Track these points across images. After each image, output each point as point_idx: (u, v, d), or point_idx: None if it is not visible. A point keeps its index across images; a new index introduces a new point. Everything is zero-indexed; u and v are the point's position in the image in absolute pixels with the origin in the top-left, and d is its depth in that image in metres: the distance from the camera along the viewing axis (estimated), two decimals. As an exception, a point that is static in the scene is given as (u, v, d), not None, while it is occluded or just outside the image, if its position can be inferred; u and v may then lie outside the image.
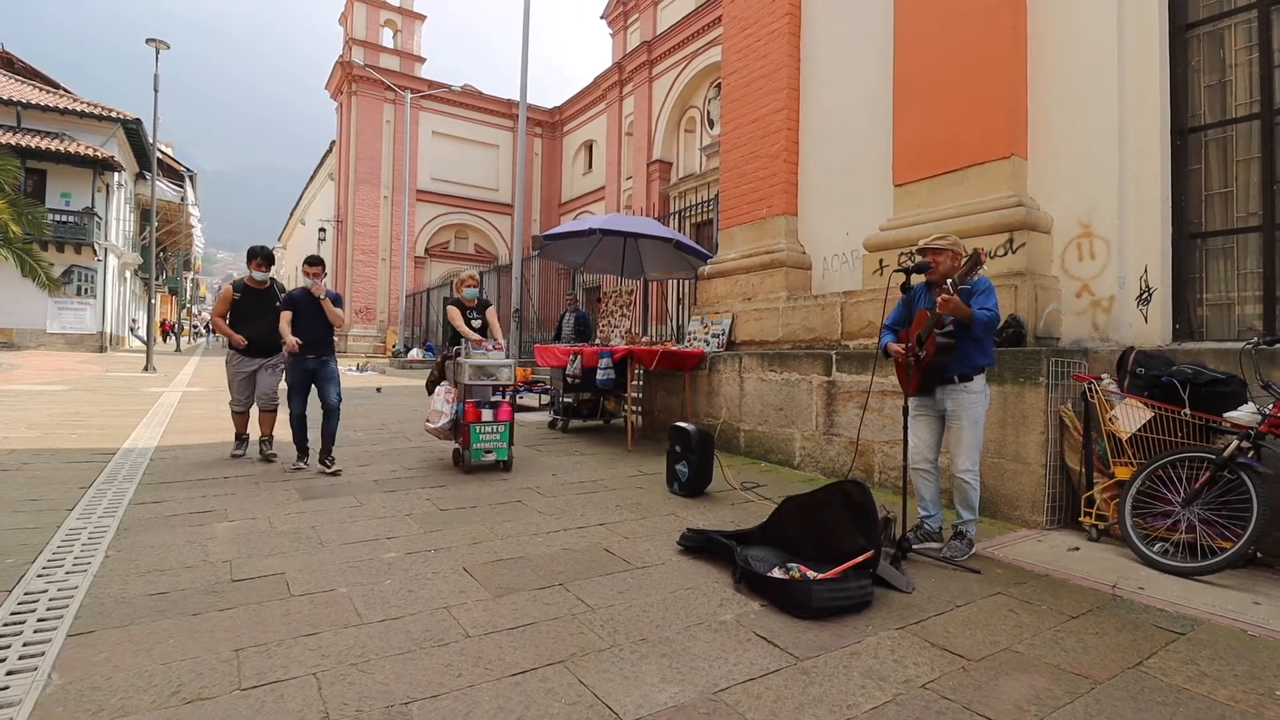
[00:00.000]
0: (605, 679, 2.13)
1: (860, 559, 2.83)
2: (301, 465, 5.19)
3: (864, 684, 2.15)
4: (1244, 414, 3.33)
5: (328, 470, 5.04)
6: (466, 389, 5.21)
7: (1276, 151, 3.99)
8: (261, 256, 5.44)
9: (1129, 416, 3.74)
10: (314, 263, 5.23)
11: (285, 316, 5.02)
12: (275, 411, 5.56)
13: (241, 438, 5.67)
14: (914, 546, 3.43)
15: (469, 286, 5.95)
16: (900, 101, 5.53)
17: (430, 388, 5.76)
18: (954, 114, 5.07)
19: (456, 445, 5.43)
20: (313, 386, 5.22)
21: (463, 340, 5.50)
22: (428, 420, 5.39)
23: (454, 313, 5.78)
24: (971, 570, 3.26)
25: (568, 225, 8.18)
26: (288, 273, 48.81)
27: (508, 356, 5.43)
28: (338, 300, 5.39)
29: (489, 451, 5.22)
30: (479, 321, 5.81)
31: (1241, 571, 3.22)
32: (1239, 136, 4.18)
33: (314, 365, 5.13)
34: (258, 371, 5.47)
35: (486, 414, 5.20)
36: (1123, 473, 3.70)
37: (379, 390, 11.87)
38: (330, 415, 5.15)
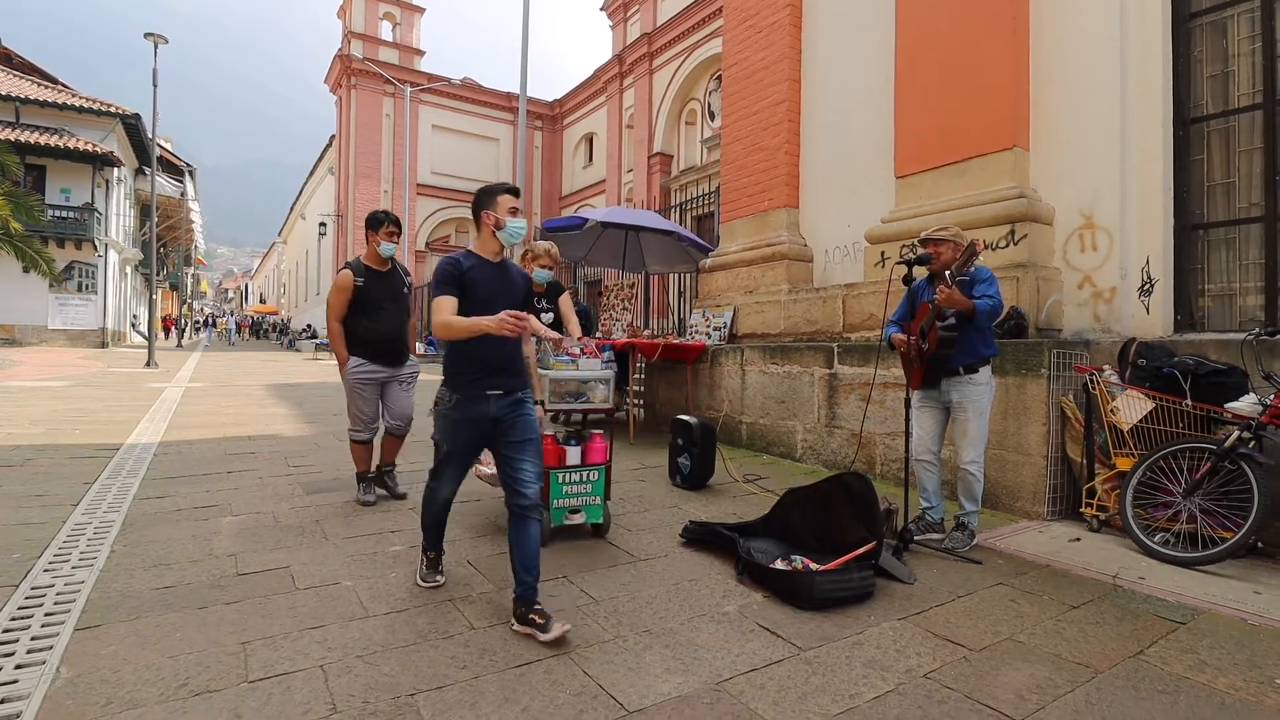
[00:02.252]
0: (609, 670, 2.14)
1: (862, 550, 2.84)
2: (435, 581, 2.82)
3: (866, 674, 2.17)
4: (1245, 405, 3.33)
5: (542, 633, 2.32)
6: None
7: (1278, 142, 3.98)
8: (392, 222, 4.04)
9: (1130, 407, 3.74)
10: (515, 193, 2.75)
11: (450, 306, 2.53)
12: (404, 439, 4.30)
13: (367, 477, 4.21)
14: (916, 538, 3.44)
15: (542, 266, 4.25)
16: (902, 93, 5.51)
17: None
18: (956, 105, 5.05)
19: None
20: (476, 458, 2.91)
21: (536, 342, 3.37)
22: (480, 461, 3.53)
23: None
24: (973, 561, 3.28)
25: (569, 217, 8.17)
26: (288, 266, 48.87)
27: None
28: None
29: (575, 511, 3.44)
30: (550, 315, 4.36)
31: (1242, 561, 3.23)
32: (1241, 127, 4.16)
33: (503, 411, 2.55)
34: (389, 384, 4.11)
35: (572, 453, 3.43)
36: (1124, 463, 3.70)
37: None
38: (526, 522, 2.49)
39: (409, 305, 4.26)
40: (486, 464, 3.81)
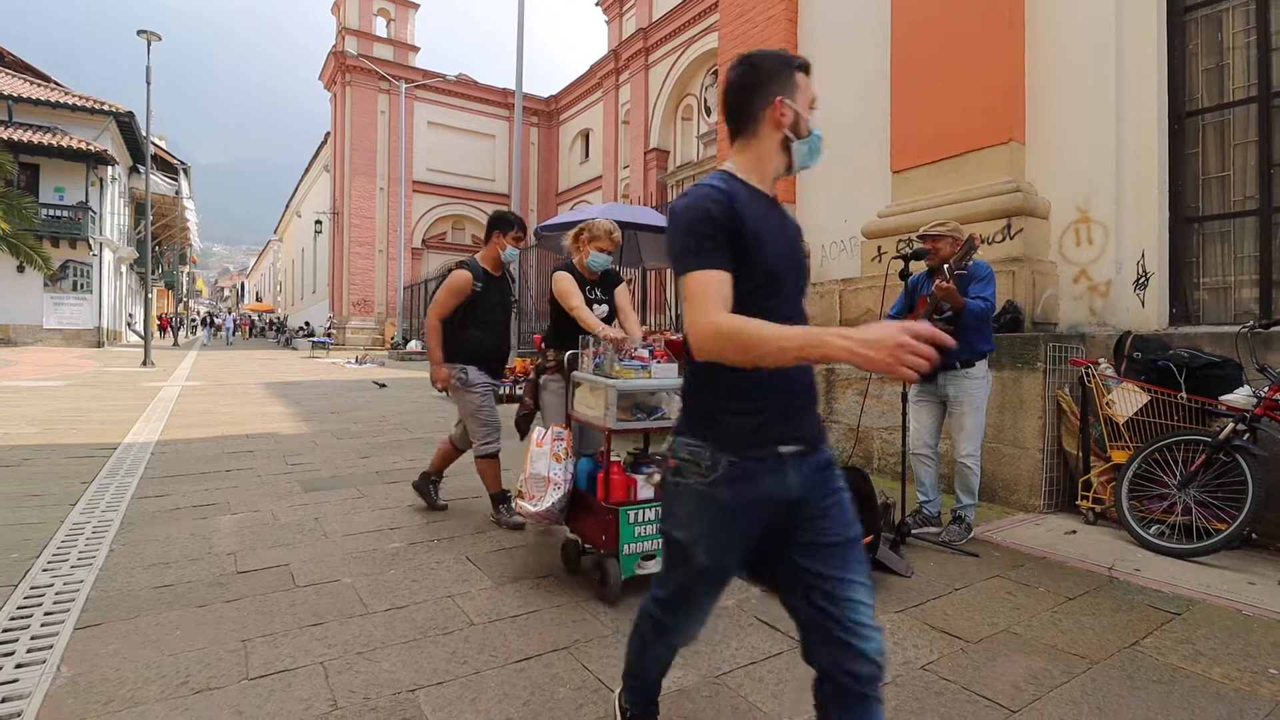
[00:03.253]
0: (609, 664, 2.15)
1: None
2: None
3: (864, 666, 2.18)
4: (1239, 397, 3.35)
5: None
6: (598, 435, 2.91)
7: (1274, 135, 3.99)
8: (520, 226, 3.74)
9: (1126, 400, 3.76)
10: None
11: (724, 293, 1.37)
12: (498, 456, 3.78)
13: (505, 495, 3.70)
14: (913, 531, 3.46)
15: (600, 250, 3.39)
16: (898, 87, 5.51)
17: (522, 429, 3.69)
18: (952, 100, 5.05)
19: (576, 539, 2.97)
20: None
21: (593, 342, 2.94)
22: (521, 495, 2.99)
23: (570, 286, 3.32)
24: (970, 554, 3.30)
25: (566, 216, 8.15)
26: (284, 264, 48.73)
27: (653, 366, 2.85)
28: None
29: (649, 557, 2.71)
30: (604, 308, 3.47)
31: (1236, 552, 3.25)
32: (1236, 120, 4.17)
33: (808, 485, 1.38)
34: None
35: (644, 486, 2.77)
36: (1119, 456, 3.72)
37: (382, 385, 11.79)
38: (866, 707, 1.32)
39: (510, 316, 3.98)
40: (531, 499, 2.91)
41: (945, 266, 3.31)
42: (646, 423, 2.81)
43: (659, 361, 2.82)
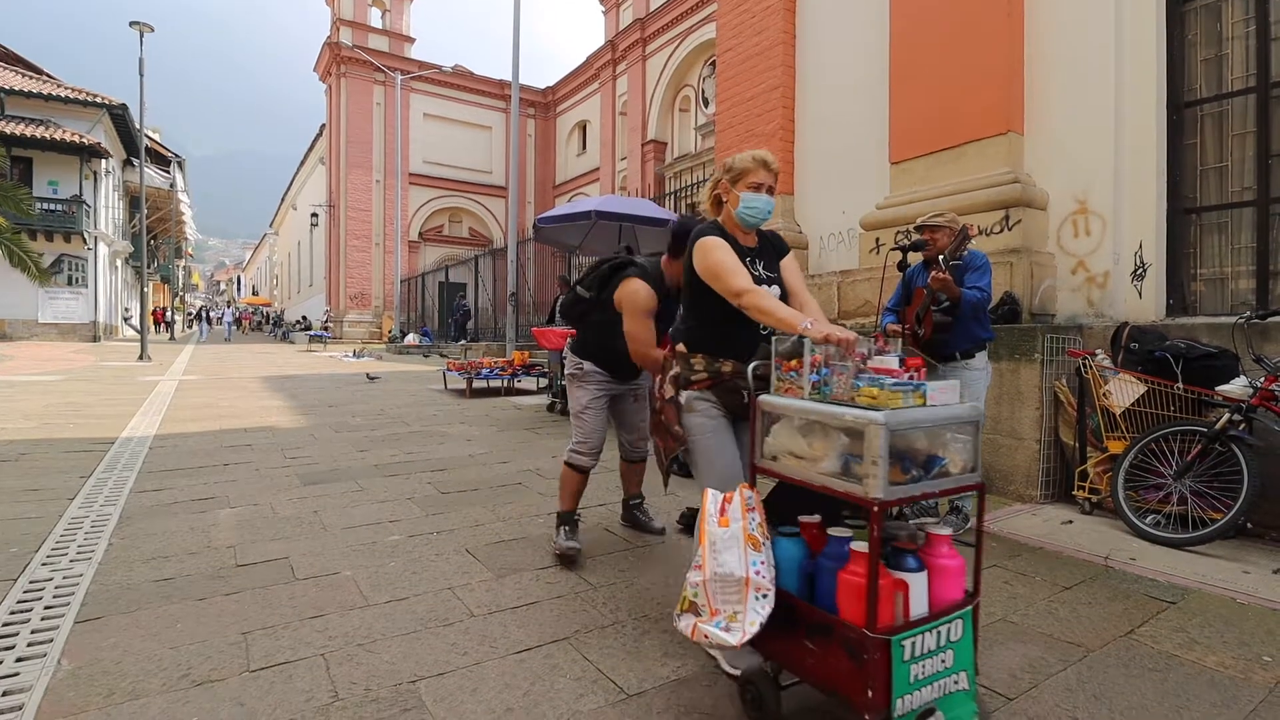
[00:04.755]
0: (609, 655, 2.16)
1: (858, 535, 2.85)
2: None
3: (862, 656, 2.19)
4: (1236, 387, 3.36)
5: None
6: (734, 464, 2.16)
7: (1272, 125, 3.99)
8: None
9: (1122, 391, 3.77)
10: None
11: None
12: (645, 461, 3.38)
13: (572, 516, 3.13)
14: (911, 521, 3.47)
15: (755, 187, 2.16)
16: (896, 78, 5.49)
17: (669, 471, 2.50)
18: (951, 90, 5.04)
19: (767, 668, 1.84)
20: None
21: (806, 348, 1.81)
22: (691, 609, 1.80)
23: (728, 258, 2.11)
24: (967, 544, 3.30)
25: (563, 208, 8.12)
26: (280, 257, 48.55)
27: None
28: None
29: (930, 714, 1.60)
30: (773, 289, 2.20)
31: (1232, 542, 3.27)
32: (1235, 111, 4.17)
33: None
34: (622, 398, 3.23)
35: (916, 590, 1.67)
36: (1116, 447, 3.74)
37: (373, 378, 11.72)
38: None
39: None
40: (717, 616, 1.75)
41: (940, 258, 3.31)
42: (928, 484, 1.69)
43: (933, 383, 1.70)
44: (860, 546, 1.62)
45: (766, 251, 2.29)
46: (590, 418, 3.10)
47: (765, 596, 1.71)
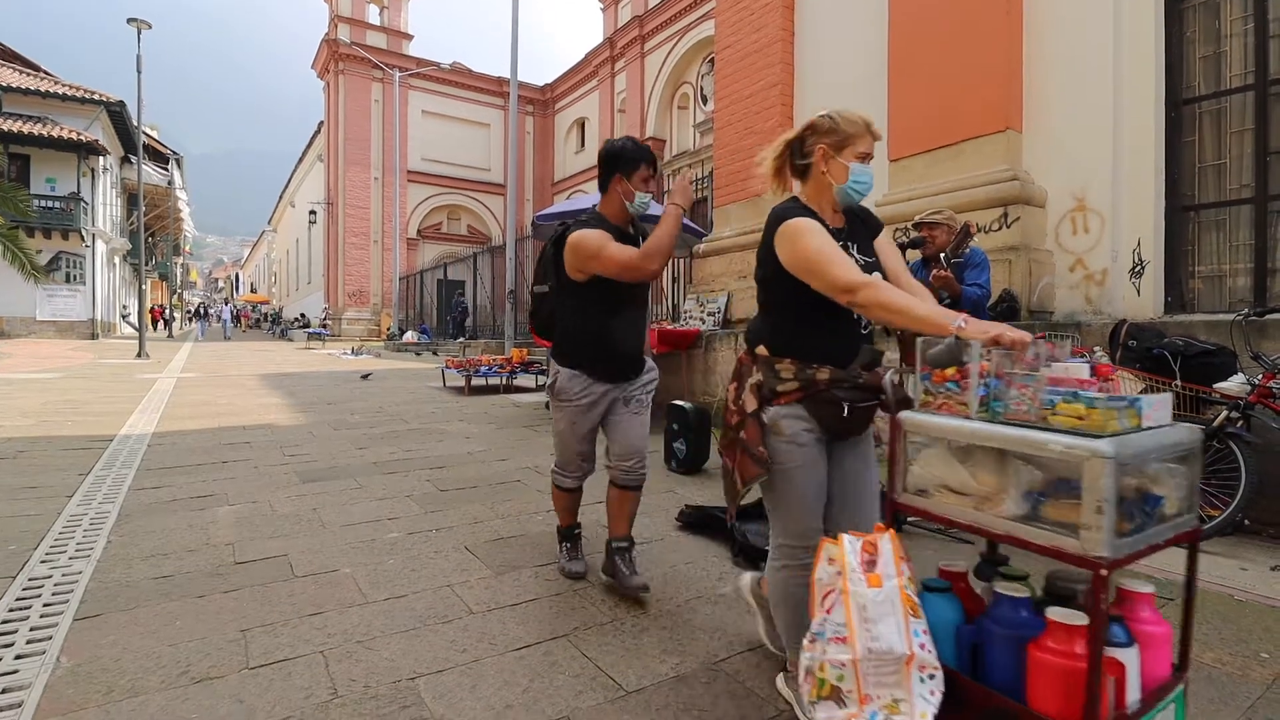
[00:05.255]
0: (607, 652, 2.17)
1: (857, 532, 2.85)
2: None
3: (861, 653, 2.20)
4: (1233, 385, 3.37)
5: None
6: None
7: (1270, 123, 3.99)
8: (650, 162, 2.56)
9: (1120, 388, 3.77)
10: None
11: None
12: (640, 490, 2.75)
13: (571, 532, 2.89)
14: (909, 519, 3.47)
15: (862, 159, 1.83)
16: (895, 75, 5.49)
17: (739, 499, 1.95)
18: (949, 88, 5.04)
19: None
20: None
21: (975, 353, 1.43)
22: (833, 696, 1.36)
23: (825, 244, 1.69)
24: (965, 541, 3.32)
25: (562, 205, 8.12)
26: (278, 255, 48.50)
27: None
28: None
29: None
30: (873, 274, 1.72)
31: (1230, 538, 3.28)
32: (1233, 108, 4.17)
33: None
34: (613, 407, 2.66)
35: (1131, 671, 1.28)
36: (1114, 444, 3.74)
37: (366, 376, 11.66)
38: None
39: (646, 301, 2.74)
40: (868, 704, 1.37)
41: (941, 255, 3.31)
42: (1152, 533, 1.34)
43: (1108, 386, 1.38)
44: (1063, 616, 1.27)
45: (858, 231, 1.88)
46: (569, 437, 2.64)
47: (933, 677, 1.34)
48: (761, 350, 1.84)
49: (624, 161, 2.50)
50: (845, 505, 1.89)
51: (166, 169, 29.29)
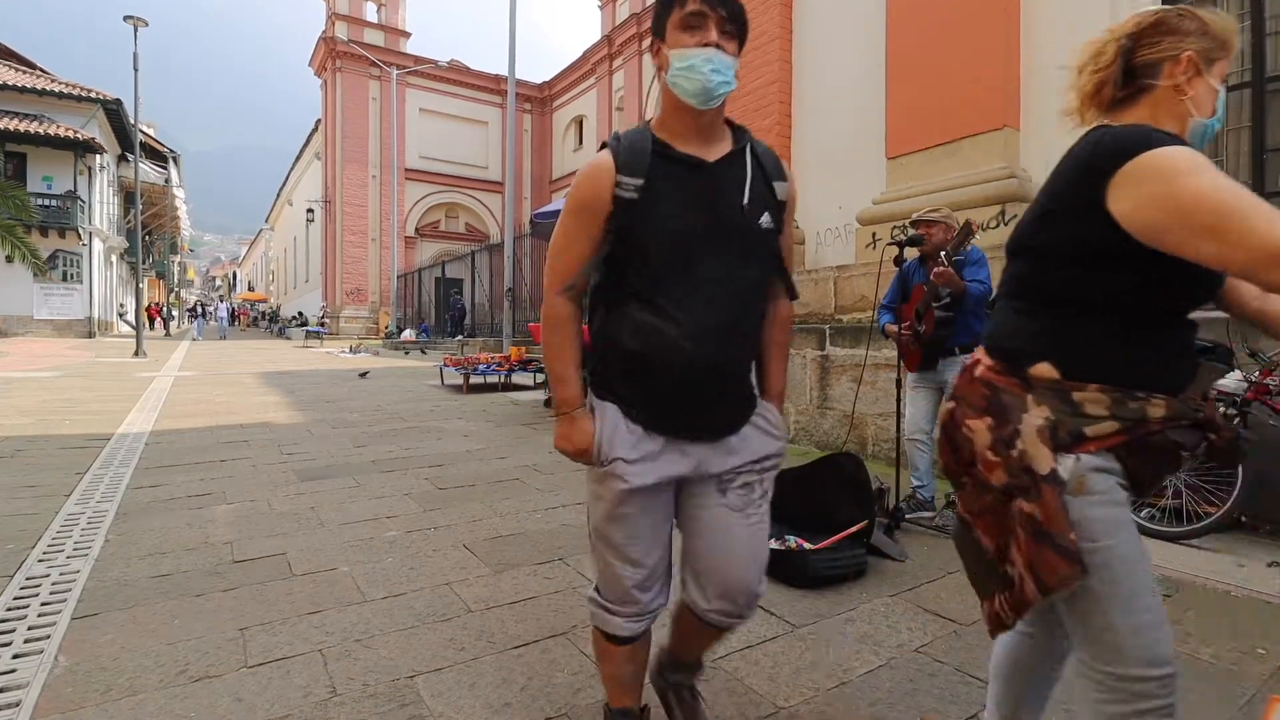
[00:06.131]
0: (606, 650, 2.17)
1: (854, 529, 2.88)
2: None
3: (859, 649, 2.21)
4: (1230, 382, 3.37)
5: None
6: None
7: (1267, 120, 3.99)
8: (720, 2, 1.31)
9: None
10: None
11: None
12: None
13: (626, 715, 1.58)
14: (907, 516, 3.48)
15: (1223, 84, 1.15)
16: (893, 73, 5.48)
17: (1009, 625, 1.27)
18: (947, 85, 5.03)
19: None
20: None
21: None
22: None
23: (1237, 186, 0.97)
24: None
25: (560, 203, 8.10)
26: (276, 253, 48.39)
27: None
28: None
29: None
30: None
31: (1226, 535, 3.29)
32: (1230, 105, 4.17)
33: None
34: (704, 490, 1.45)
35: None
36: (1112, 441, 3.75)
37: (364, 374, 11.65)
38: None
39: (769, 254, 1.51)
40: None
41: (943, 253, 3.31)
42: None
43: None
44: None
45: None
46: (621, 539, 1.43)
47: None
48: (1045, 370, 1.19)
49: None
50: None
51: (164, 167, 29.21)
